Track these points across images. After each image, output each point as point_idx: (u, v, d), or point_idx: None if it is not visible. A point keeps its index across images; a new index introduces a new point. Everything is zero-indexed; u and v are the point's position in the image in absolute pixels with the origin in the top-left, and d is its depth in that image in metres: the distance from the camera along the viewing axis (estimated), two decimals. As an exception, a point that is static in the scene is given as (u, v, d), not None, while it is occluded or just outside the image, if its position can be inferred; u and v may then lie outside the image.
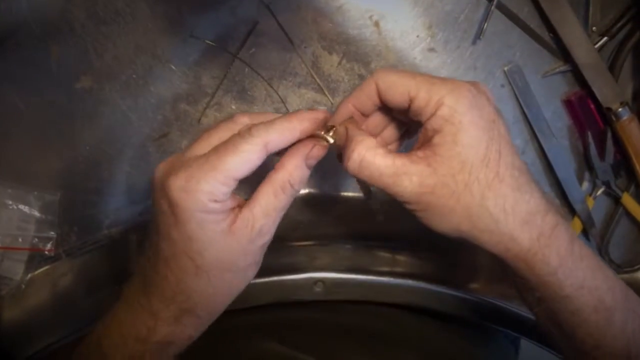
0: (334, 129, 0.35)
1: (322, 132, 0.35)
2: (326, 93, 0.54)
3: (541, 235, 0.32)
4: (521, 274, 0.33)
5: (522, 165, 0.33)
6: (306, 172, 0.35)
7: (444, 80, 0.32)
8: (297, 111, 0.35)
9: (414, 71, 0.35)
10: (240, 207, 0.34)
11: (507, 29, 0.53)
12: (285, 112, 0.54)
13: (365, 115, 0.37)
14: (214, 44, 0.51)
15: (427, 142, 0.32)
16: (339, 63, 0.53)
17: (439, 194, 0.32)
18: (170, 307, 0.34)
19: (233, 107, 0.53)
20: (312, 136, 0.35)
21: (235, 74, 0.53)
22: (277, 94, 0.53)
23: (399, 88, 0.33)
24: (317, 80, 0.53)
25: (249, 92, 0.53)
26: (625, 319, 0.34)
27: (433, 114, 0.32)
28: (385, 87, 0.33)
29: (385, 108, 0.36)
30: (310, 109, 0.36)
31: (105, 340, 0.36)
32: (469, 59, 0.54)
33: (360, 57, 0.53)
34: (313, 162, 0.35)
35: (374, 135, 0.38)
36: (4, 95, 0.51)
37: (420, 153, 0.32)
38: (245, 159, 0.32)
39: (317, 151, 0.35)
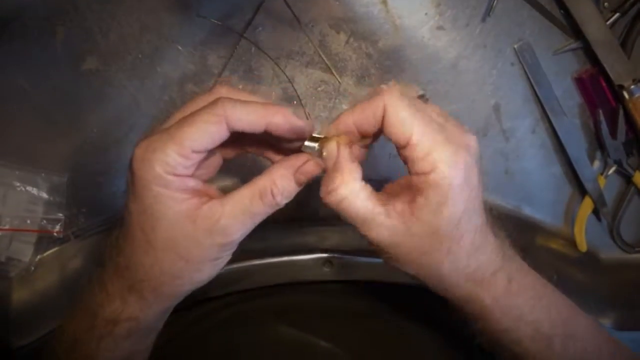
0: (324, 140, 0.34)
1: (309, 142, 0.34)
2: (334, 72, 0.54)
3: (478, 284, 0.34)
4: (461, 309, 0.35)
5: (483, 223, 0.34)
6: (292, 186, 0.33)
7: (447, 138, 0.31)
8: (277, 104, 0.33)
9: (425, 108, 0.33)
10: (209, 195, 0.33)
11: (517, 6, 0.53)
12: (292, 91, 0.54)
13: (363, 134, 0.35)
14: (220, 23, 0.51)
15: (409, 195, 0.32)
16: (347, 42, 0.53)
17: (406, 249, 0.33)
18: (119, 281, 0.33)
19: (240, 87, 0.54)
20: (301, 152, 0.34)
21: (242, 54, 0.53)
22: (285, 73, 0.53)
23: (404, 127, 0.31)
24: (325, 59, 0.53)
25: (255, 72, 0.53)
26: (565, 344, 0.36)
27: (425, 173, 0.31)
28: (391, 118, 0.32)
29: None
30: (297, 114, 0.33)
31: (67, 318, 0.36)
32: (478, 37, 0.54)
33: (367, 35, 0.53)
34: (303, 178, 0.33)
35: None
36: (10, 77, 0.51)
37: (398, 207, 0.32)
38: (203, 129, 0.30)
39: (310, 167, 0.33)
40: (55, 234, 0.54)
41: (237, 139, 0.34)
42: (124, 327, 0.34)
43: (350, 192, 0.32)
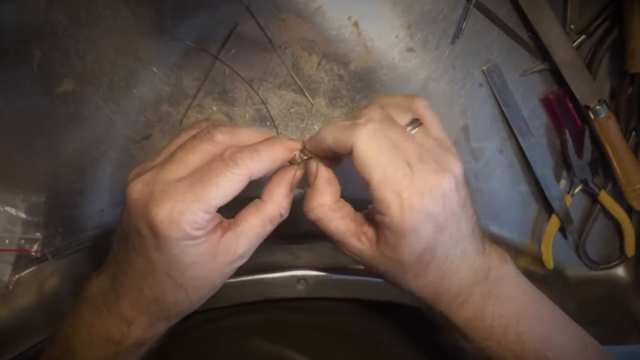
0: (309, 158, 0.36)
1: (297, 155, 0.36)
2: (306, 94, 0.54)
3: (452, 305, 0.36)
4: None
5: (459, 253, 0.34)
6: (291, 198, 0.36)
7: (408, 184, 0.31)
8: (277, 138, 0.35)
9: (403, 143, 0.32)
10: (222, 227, 0.34)
11: (485, 28, 0.53)
12: (265, 112, 0.54)
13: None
14: (194, 45, 0.51)
15: (373, 226, 0.35)
16: (319, 64, 0.53)
17: (376, 268, 0.35)
18: (145, 314, 0.35)
19: (214, 108, 0.53)
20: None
21: (216, 76, 0.53)
22: (258, 95, 0.53)
23: (366, 168, 0.32)
24: (297, 81, 0.53)
25: (229, 94, 0.53)
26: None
27: (380, 213, 0.32)
28: (356, 157, 0.32)
29: None
30: (290, 138, 0.36)
31: (73, 341, 0.36)
32: (447, 59, 0.54)
33: (339, 57, 0.53)
34: (295, 185, 0.36)
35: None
36: (-13, 100, 0.53)
37: (369, 233, 0.35)
38: (228, 188, 0.32)
39: (299, 175, 0.36)
40: (33, 253, 0.53)
41: None
42: (148, 345, 0.37)
43: (325, 214, 0.35)
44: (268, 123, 0.54)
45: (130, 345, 0.35)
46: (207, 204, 0.31)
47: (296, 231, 0.54)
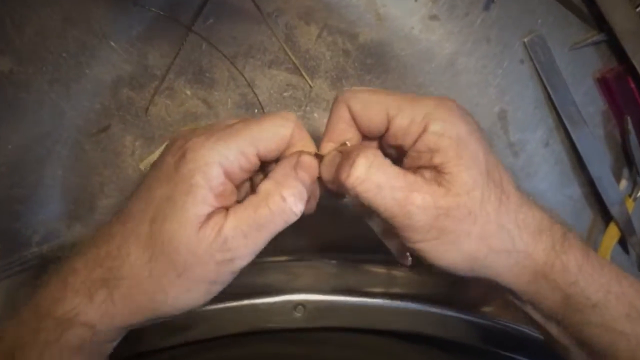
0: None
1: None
2: (303, 73, 0.51)
3: (555, 243, 0.34)
4: (542, 294, 0.34)
5: (512, 180, 0.35)
6: (299, 186, 0.33)
7: (421, 96, 0.33)
8: None
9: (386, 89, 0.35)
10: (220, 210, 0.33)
11: None
12: (252, 98, 0.51)
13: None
14: (163, 13, 0.48)
15: (425, 166, 0.33)
16: (319, 36, 0.50)
17: (454, 216, 0.32)
18: (92, 271, 0.32)
19: (188, 92, 0.50)
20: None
21: (190, 52, 0.50)
22: (243, 75, 0.50)
23: (374, 107, 0.33)
24: (292, 57, 0.51)
25: (207, 74, 0.50)
26: None
27: (423, 133, 0.32)
28: (358, 108, 0.33)
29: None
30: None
31: (9, 322, 0.34)
32: (480, 29, 0.51)
33: (344, 27, 0.50)
34: (305, 175, 0.33)
35: None
36: None
37: (427, 174, 0.32)
38: (272, 131, 0.32)
39: (306, 159, 0.34)
40: (-36, 275, 0.49)
41: None
42: (76, 334, 0.32)
43: (375, 156, 0.32)
44: (256, 110, 0.52)
45: (55, 318, 0.32)
46: (246, 141, 0.31)
47: (293, 245, 0.53)
